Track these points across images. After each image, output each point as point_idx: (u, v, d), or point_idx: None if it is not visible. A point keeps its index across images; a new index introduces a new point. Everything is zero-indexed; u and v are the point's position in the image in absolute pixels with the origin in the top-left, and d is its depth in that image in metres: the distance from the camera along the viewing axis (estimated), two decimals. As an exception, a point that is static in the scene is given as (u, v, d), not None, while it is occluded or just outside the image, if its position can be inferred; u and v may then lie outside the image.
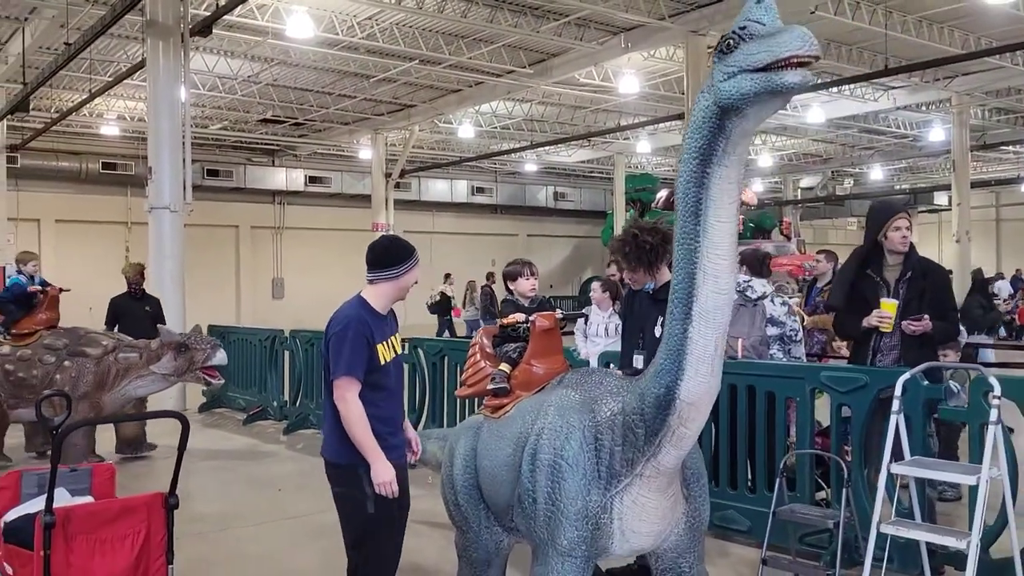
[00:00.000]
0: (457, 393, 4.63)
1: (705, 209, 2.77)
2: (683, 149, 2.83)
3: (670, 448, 3.03)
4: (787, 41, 2.49)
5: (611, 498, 3.16)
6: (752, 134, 2.84)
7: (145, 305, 9.09)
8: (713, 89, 2.68)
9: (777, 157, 29.89)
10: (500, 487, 3.57)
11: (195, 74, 14.89)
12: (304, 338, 9.78)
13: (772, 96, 2.58)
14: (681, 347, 2.87)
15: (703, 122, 2.74)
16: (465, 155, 27.59)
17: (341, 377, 3.41)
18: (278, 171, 28.60)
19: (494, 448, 3.63)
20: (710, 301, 2.82)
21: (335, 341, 3.45)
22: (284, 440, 9.28)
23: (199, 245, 13.01)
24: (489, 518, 3.75)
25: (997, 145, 26.14)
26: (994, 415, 3.77)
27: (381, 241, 3.69)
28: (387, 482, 3.37)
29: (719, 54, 2.68)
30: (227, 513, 6.37)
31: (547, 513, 3.21)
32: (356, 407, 3.39)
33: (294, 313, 23.20)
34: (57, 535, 3.26)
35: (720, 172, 2.75)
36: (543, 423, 3.37)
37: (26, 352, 7.60)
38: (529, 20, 15.10)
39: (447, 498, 3.93)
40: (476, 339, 4.21)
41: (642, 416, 3.04)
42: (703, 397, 2.94)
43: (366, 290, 3.60)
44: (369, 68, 17.98)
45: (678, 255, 2.86)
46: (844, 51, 17.20)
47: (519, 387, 3.74)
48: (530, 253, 34.15)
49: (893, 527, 3.95)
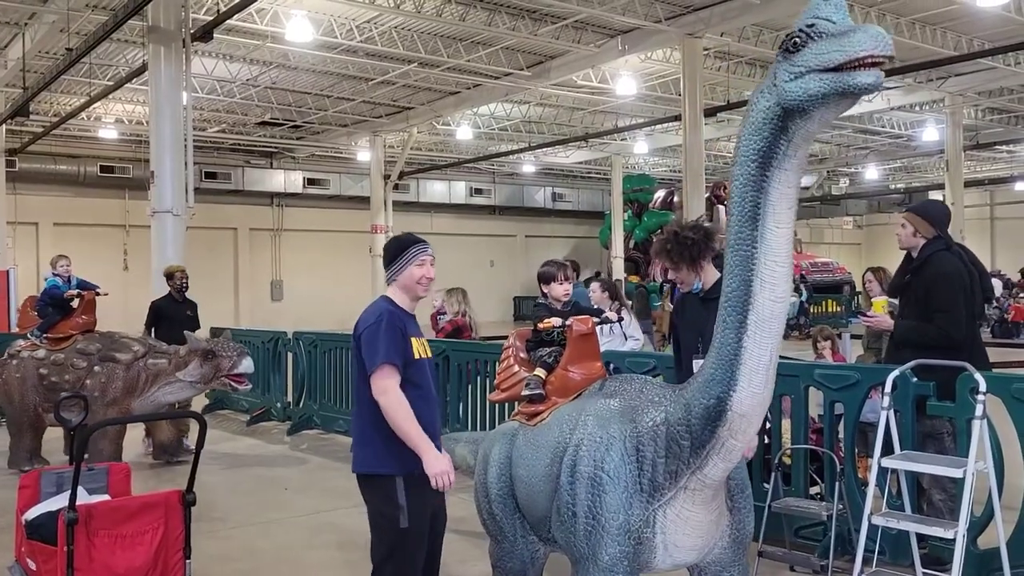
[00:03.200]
0: (490, 398, 4.46)
1: (763, 214, 2.66)
2: (739, 152, 2.71)
3: (717, 460, 2.93)
4: (862, 40, 2.38)
5: (654, 511, 3.06)
6: (814, 136, 2.72)
7: (187, 309, 8.93)
8: (776, 89, 2.57)
9: (773, 157, 30.00)
10: (537, 498, 3.45)
11: (194, 77, 14.99)
12: (307, 340, 9.90)
13: (842, 97, 2.47)
14: (735, 356, 2.76)
15: (763, 124, 2.63)
16: (463, 157, 27.73)
17: (381, 366, 3.17)
18: (276, 173, 28.71)
19: (530, 457, 3.51)
20: (766, 309, 2.71)
21: (368, 335, 3.24)
22: (288, 441, 9.40)
23: (198, 248, 13.14)
24: (524, 528, 3.63)
25: (990, 145, 26.33)
26: (979, 410, 3.91)
27: (387, 241, 3.67)
28: (442, 472, 3.15)
29: (783, 53, 2.56)
30: (235, 511, 6.49)
31: (587, 527, 3.10)
32: (398, 396, 3.17)
33: (293, 315, 23.38)
34: (80, 531, 3.39)
35: (780, 176, 2.65)
36: (582, 433, 3.24)
37: (59, 356, 7.62)
38: (527, 23, 15.24)
39: (481, 506, 3.81)
40: (509, 342, 4.09)
41: (688, 427, 2.93)
42: (756, 408, 2.83)
43: (388, 290, 3.51)
44: (368, 71, 18.11)
45: (732, 261, 2.74)
46: (838, 52, 17.34)
47: (555, 393, 3.63)
48: (528, 254, 34.44)
49: (884, 519, 4.09)
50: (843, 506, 4.62)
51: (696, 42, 15.32)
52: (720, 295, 2.81)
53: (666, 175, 31.45)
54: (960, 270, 4.74)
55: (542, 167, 30.96)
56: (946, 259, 4.74)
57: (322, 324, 15.86)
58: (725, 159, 30.05)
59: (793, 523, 4.95)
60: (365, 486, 3.33)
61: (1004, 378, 4.45)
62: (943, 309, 4.63)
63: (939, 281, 4.68)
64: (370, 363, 3.20)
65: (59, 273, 8.22)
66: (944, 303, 4.63)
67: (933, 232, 4.83)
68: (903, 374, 4.39)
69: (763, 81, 2.70)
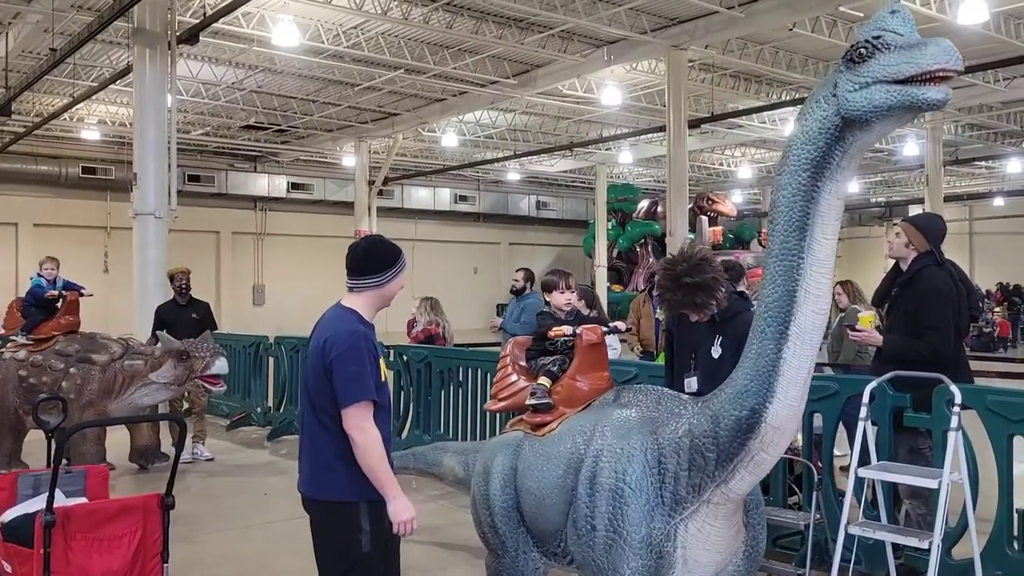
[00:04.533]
0: (488, 407, 4.34)
1: (812, 224, 2.62)
2: (788, 160, 2.66)
3: (745, 474, 2.87)
4: (935, 53, 2.35)
5: (675, 525, 2.99)
6: (869, 148, 2.70)
7: (192, 312, 8.65)
8: (837, 100, 2.53)
9: (756, 169, 30.26)
10: (548, 511, 3.36)
11: (179, 80, 14.93)
12: (289, 344, 9.86)
13: (906, 111, 2.45)
14: (773, 368, 2.70)
15: (819, 133, 2.58)
16: (448, 163, 27.75)
17: (359, 403, 2.98)
18: (260, 177, 28.61)
19: (540, 468, 3.41)
20: (809, 321, 2.66)
21: (345, 362, 3.00)
22: (268, 446, 9.35)
23: (180, 251, 13.01)
24: (528, 542, 3.53)
25: (970, 160, 26.66)
26: (955, 422, 3.96)
27: (362, 243, 3.26)
28: (409, 520, 3.02)
29: (847, 63, 2.53)
30: (214, 516, 6.46)
31: (608, 541, 3.02)
32: (375, 434, 3.00)
33: (275, 320, 23.23)
34: (57, 534, 3.37)
35: (831, 187, 2.62)
36: (601, 444, 3.17)
37: (38, 358, 7.54)
38: (514, 32, 15.30)
39: (481, 519, 3.68)
40: (506, 350, 4.00)
41: (715, 440, 2.87)
42: (790, 422, 2.78)
43: (349, 299, 3.19)
44: (354, 76, 18.11)
45: (775, 271, 2.69)
46: (821, 67, 17.55)
47: (562, 403, 3.54)
48: (512, 262, 34.39)
49: (860, 528, 4.13)
50: (820, 516, 4.66)
51: (681, 54, 15.43)
52: (758, 306, 2.75)
53: (650, 185, 31.62)
54: (950, 287, 4.74)
55: (527, 175, 31.03)
56: (937, 275, 4.72)
57: (304, 329, 15.71)
58: (709, 170, 30.26)
59: (771, 532, 4.98)
60: (323, 511, 3.12)
61: (979, 390, 4.51)
62: (934, 326, 4.60)
63: (930, 297, 4.66)
64: (347, 396, 2.98)
65: (44, 274, 8.17)
66: (934, 320, 4.61)
67: (927, 246, 4.81)
68: (881, 385, 4.44)
69: (817, 91, 2.65)
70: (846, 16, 14.61)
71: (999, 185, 31.52)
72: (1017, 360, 15.28)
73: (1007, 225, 33.39)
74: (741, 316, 4.08)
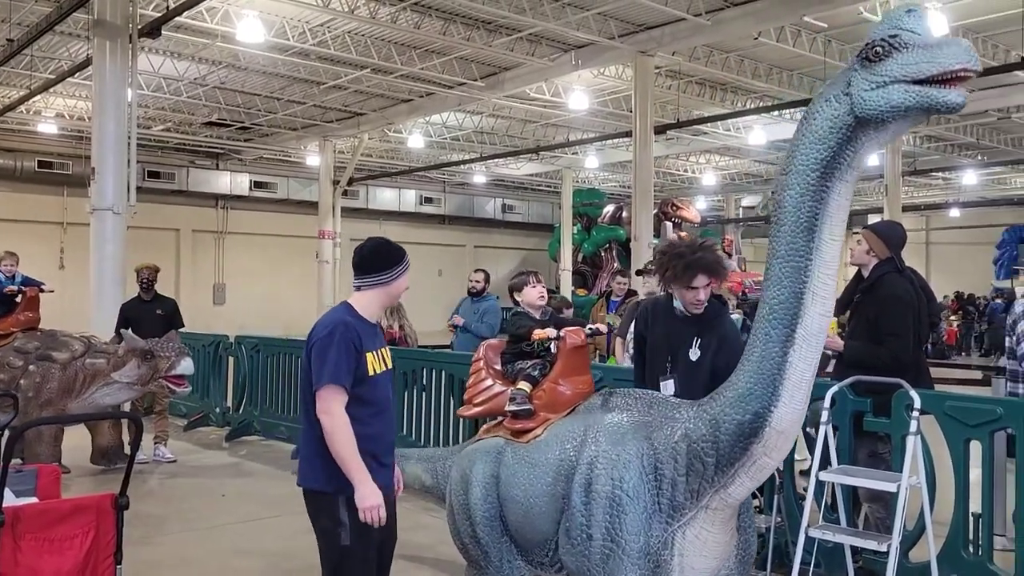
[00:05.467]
0: (460, 413, 4.21)
1: (821, 225, 2.58)
2: (796, 160, 2.62)
3: (745, 479, 2.83)
4: (956, 53, 2.32)
5: (672, 533, 2.93)
6: (881, 148, 2.66)
7: (157, 308, 8.51)
8: (850, 98, 2.49)
9: (720, 176, 30.59)
10: (536, 519, 3.27)
11: (140, 74, 14.67)
12: (249, 344, 9.73)
13: (923, 112, 2.42)
14: (778, 372, 2.65)
15: (831, 132, 2.54)
16: (414, 165, 27.63)
17: (326, 386, 3.01)
18: (222, 175, 28.23)
19: (526, 476, 3.32)
20: (816, 323, 2.63)
21: (319, 347, 3.07)
22: (227, 447, 9.21)
23: (138, 248, 12.76)
24: (511, 552, 3.44)
25: (927, 171, 27.19)
26: (914, 426, 4.01)
27: (369, 244, 3.33)
28: (373, 507, 2.98)
29: (863, 61, 2.47)
30: (171, 517, 6.33)
31: (605, 550, 2.96)
32: (342, 419, 3.00)
33: (235, 319, 22.93)
34: (6, 534, 3.26)
35: (840, 187, 2.59)
36: (595, 451, 3.09)
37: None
38: (482, 34, 15.28)
39: (461, 530, 3.56)
40: (480, 354, 3.89)
41: (715, 444, 2.81)
42: (794, 425, 2.75)
43: (353, 297, 3.27)
44: (319, 75, 17.94)
45: (781, 272, 2.64)
46: (785, 76, 17.79)
47: (543, 408, 3.45)
48: (477, 264, 34.20)
49: (820, 531, 4.17)
50: (781, 519, 4.69)
51: (648, 60, 15.54)
52: (761, 309, 2.70)
53: (615, 190, 31.78)
54: (911, 293, 4.79)
55: (493, 178, 31.02)
56: (898, 282, 4.77)
57: (265, 329, 15.60)
58: (674, 177, 30.51)
59: (732, 535, 5.01)
60: (309, 502, 3.18)
61: (938, 396, 4.58)
62: (894, 333, 4.64)
63: (891, 304, 4.69)
64: (317, 379, 3.04)
65: (2, 270, 7.98)
66: (895, 327, 4.65)
67: (887, 253, 4.84)
68: (841, 390, 4.48)
69: (826, 90, 2.61)
70: (810, 26, 14.83)
71: (955, 196, 32.22)
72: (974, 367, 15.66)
73: (962, 235, 34.17)
74: (720, 319, 4.02)
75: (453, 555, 3.89)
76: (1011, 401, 4.51)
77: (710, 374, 3.83)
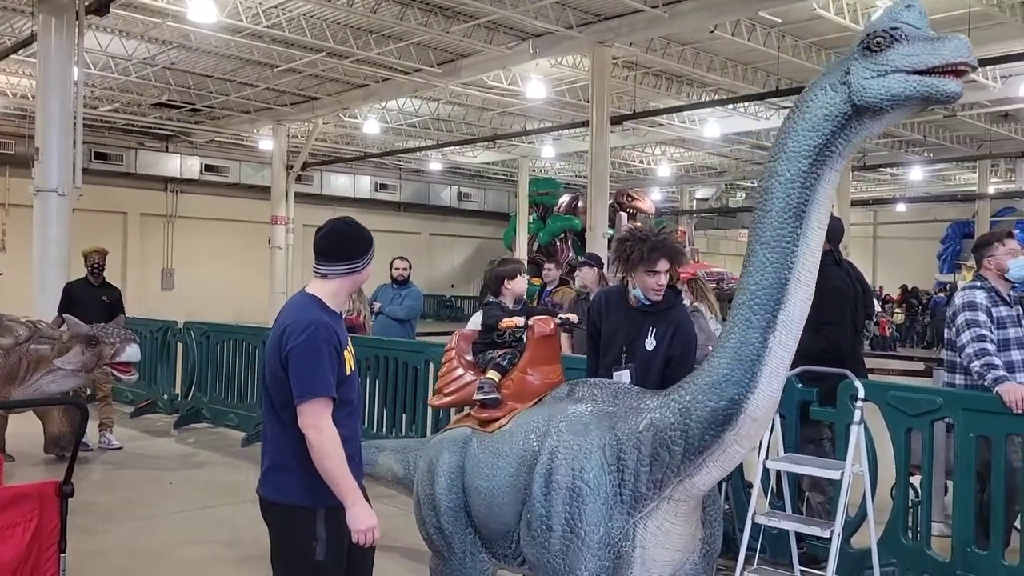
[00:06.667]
0: (431, 403, 4.14)
1: (809, 212, 2.60)
2: (787, 146, 2.63)
3: (713, 468, 2.80)
4: (958, 47, 2.38)
5: (634, 524, 2.91)
6: (872, 138, 2.77)
7: (102, 294, 8.33)
8: (848, 87, 2.52)
9: (675, 168, 30.89)
10: (499, 510, 3.24)
11: (87, 52, 14.27)
12: (199, 330, 9.57)
13: (922, 101, 2.46)
14: (757, 357, 2.64)
15: (824, 120, 2.56)
16: (369, 151, 27.40)
17: (315, 400, 2.74)
18: (172, 157, 27.70)
19: (490, 466, 3.28)
20: (797, 310, 2.64)
21: (301, 354, 2.76)
22: (175, 434, 9.06)
23: (84, 231, 12.47)
24: (476, 543, 3.39)
25: (876, 167, 27.80)
26: (857, 415, 4.12)
27: (337, 226, 3.00)
28: (368, 528, 2.78)
29: (863, 51, 2.51)
30: (117, 506, 6.21)
31: (565, 541, 2.92)
32: (333, 436, 2.76)
33: (184, 305, 22.52)
34: (-58, 524, 3.17)
35: (829, 175, 2.61)
36: (557, 440, 3.06)
37: None
38: (439, 20, 15.18)
39: (426, 520, 3.51)
40: (451, 343, 3.83)
41: (685, 432, 2.78)
42: (768, 413, 2.74)
43: (316, 285, 2.96)
44: (273, 57, 17.66)
45: (766, 258, 2.64)
46: (740, 70, 18.01)
47: (512, 398, 3.42)
48: (432, 252, 34.30)
49: (766, 519, 4.25)
50: (729, 506, 4.77)
51: (605, 50, 15.59)
52: (740, 295, 2.69)
53: (571, 180, 31.89)
54: (848, 285, 4.92)
55: (449, 165, 30.91)
56: (835, 273, 4.87)
57: (215, 315, 15.33)
58: (629, 168, 30.72)
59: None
60: (278, 514, 2.90)
61: (881, 386, 4.70)
62: (832, 321, 4.73)
63: (830, 295, 4.73)
64: (302, 391, 2.74)
65: None
66: (834, 316, 4.74)
67: (826, 246, 4.99)
68: (788, 379, 4.57)
69: (821, 79, 2.63)
70: (765, 21, 15.02)
71: (902, 191, 33.01)
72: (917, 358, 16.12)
73: (909, 230, 35.05)
74: (675, 308, 4.01)
75: (418, 544, 3.86)
76: (951, 392, 4.63)
77: (665, 363, 3.87)
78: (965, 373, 4.67)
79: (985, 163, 26.38)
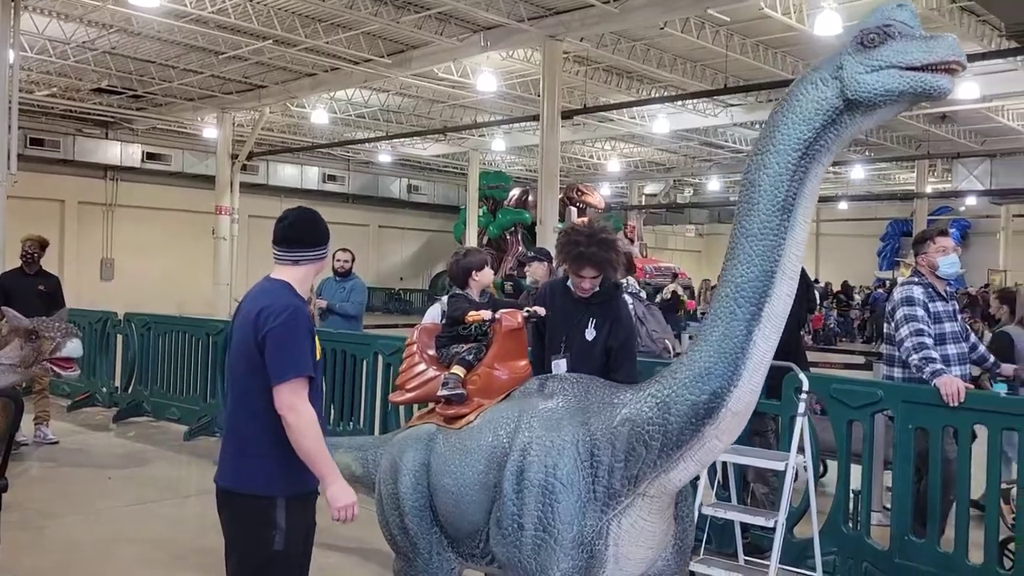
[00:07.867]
0: (392, 399, 4.04)
1: (796, 205, 2.61)
2: (775, 139, 2.63)
3: (691, 463, 2.77)
4: (950, 45, 2.46)
5: (607, 522, 2.87)
6: (860, 134, 2.69)
7: (38, 284, 8.00)
8: (841, 81, 2.55)
9: (624, 163, 31.12)
10: (467, 509, 3.17)
11: (23, 35, 13.78)
12: (140, 322, 9.35)
13: (914, 96, 2.51)
14: (741, 351, 2.62)
15: (815, 113, 2.59)
16: (317, 141, 27.03)
17: (294, 379, 2.74)
18: (112, 144, 26.97)
19: (458, 464, 3.20)
20: (782, 303, 2.63)
21: (279, 335, 2.76)
22: (114, 428, 8.84)
23: (19, 219, 12.06)
24: (442, 543, 3.32)
25: (819, 165, 28.34)
26: (801, 407, 4.20)
27: (305, 214, 3.05)
28: (348, 505, 2.78)
29: (858, 46, 2.55)
30: (54, 500, 6.04)
31: (536, 540, 2.87)
32: (311, 416, 2.76)
33: (124, 296, 21.93)
34: None
35: (817, 169, 2.63)
36: (528, 437, 3.00)
37: None
38: (389, 10, 15.02)
39: (389, 521, 3.41)
40: (413, 337, 3.74)
41: (663, 427, 2.74)
42: (749, 407, 2.71)
43: (285, 271, 2.96)
44: (218, 44, 17.28)
45: (752, 250, 2.63)
46: (689, 68, 18.20)
47: (477, 393, 3.36)
48: (381, 245, 34.04)
49: (713, 509, 4.31)
50: (676, 497, 4.82)
51: (557, 45, 15.61)
52: (723, 287, 2.68)
53: (522, 174, 31.92)
54: None
55: (399, 157, 30.66)
56: None
57: (157, 307, 14.95)
58: (579, 162, 30.87)
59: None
60: (238, 504, 2.85)
61: (824, 379, 4.81)
62: None
63: None
64: (280, 371, 2.73)
65: None
66: None
67: None
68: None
69: (812, 73, 2.65)
70: (714, 19, 15.20)
71: (844, 190, 33.77)
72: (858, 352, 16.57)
73: (850, 227, 35.90)
74: (614, 300, 4.10)
75: (380, 545, 3.76)
76: (891, 385, 4.75)
77: (604, 353, 3.94)
78: (903, 367, 4.79)
79: (923, 163, 27.11)
